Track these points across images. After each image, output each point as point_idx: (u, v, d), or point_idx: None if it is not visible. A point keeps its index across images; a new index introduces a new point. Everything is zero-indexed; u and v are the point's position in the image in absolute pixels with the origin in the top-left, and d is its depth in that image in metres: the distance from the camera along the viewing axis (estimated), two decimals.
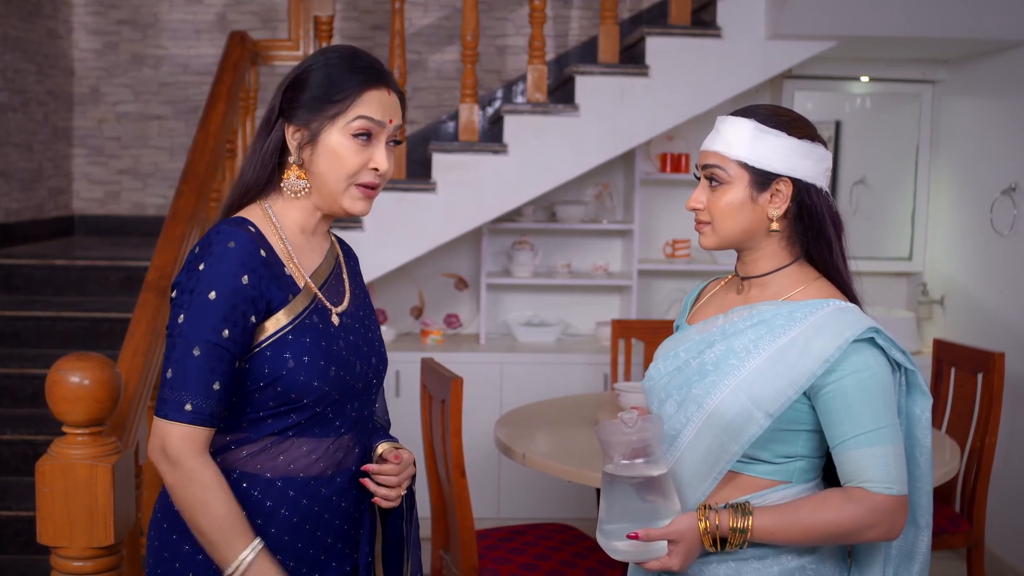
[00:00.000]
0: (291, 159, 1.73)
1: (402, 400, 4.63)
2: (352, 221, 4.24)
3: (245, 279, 1.63)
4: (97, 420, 2.06)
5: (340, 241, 1.93)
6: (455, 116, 5.42)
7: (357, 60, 1.74)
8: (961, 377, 3.83)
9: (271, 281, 1.67)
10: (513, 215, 5.03)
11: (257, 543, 1.64)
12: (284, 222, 1.75)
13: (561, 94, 4.90)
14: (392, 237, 4.30)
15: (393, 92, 1.75)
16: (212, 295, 1.61)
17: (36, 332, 4.27)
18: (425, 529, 4.22)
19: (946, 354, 3.96)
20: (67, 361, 2.03)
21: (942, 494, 3.75)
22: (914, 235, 5.21)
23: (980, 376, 3.68)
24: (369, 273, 4.28)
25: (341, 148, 1.70)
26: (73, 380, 2.00)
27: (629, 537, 1.69)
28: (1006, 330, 4.44)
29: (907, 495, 1.69)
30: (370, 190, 1.74)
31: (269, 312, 1.67)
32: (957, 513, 3.68)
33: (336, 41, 5.41)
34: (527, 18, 4.69)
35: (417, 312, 5.25)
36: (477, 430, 4.47)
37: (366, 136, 1.71)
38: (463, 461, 3.02)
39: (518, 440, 3.25)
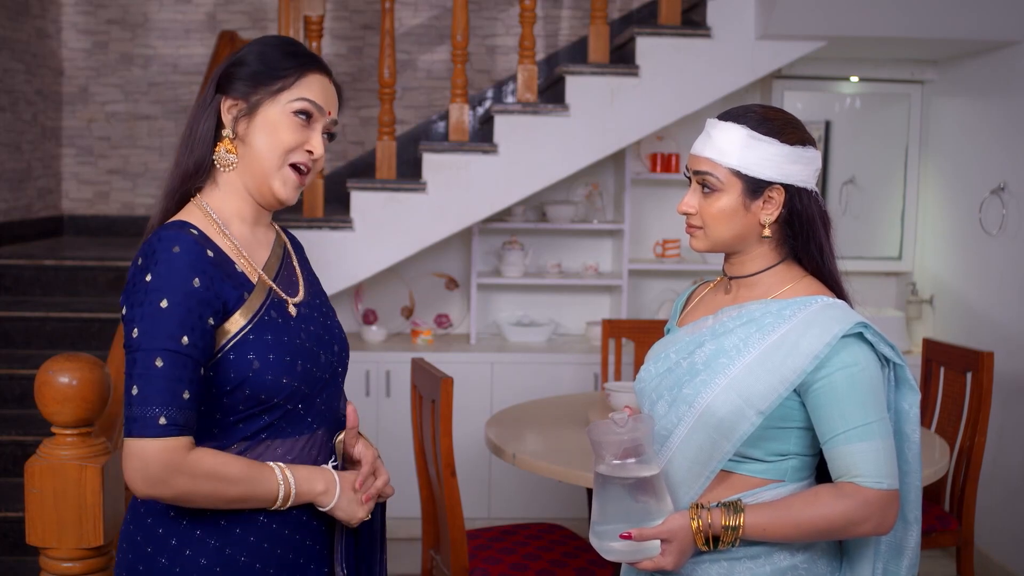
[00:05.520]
0: (225, 132, 1.70)
1: (392, 400, 4.63)
2: (341, 220, 4.24)
3: (196, 282, 1.57)
4: (86, 420, 2.05)
5: (284, 230, 1.89)
6: (445, 116, 5.41)
7: (297, 46, 1.74)
8: (950, 376, 3.84)
9: (223, 281, 1.62)
10: (503, 215, 5.03)
11: (279, 465, 1.64)
12: (225, 217, 1.71)
13: (551, 94, 4.90)
14: (382, 237, 4.29)
15: (333, 83, 1.76)
16: (164, 304, 1.55)
17: (25, 332, 4.26)
18: (415, 529, 4.23)
19: (935, 353, 3.97)
20: (56, 361, 2.02)
21: (932, 493, 3.76)
22: (903, 235, 5.23)
23: (969, 375, 3.69)
24: (359, 273, 4.30)
25: (280, 123, 1.69)
26: (62, 380, 1.99)
27: (622, 537, 1.69)
28: (995, 330, 4.45)
29: (898, 489, 1.70)
30: (301, 175, 1.72)
31: (226, 313, 1.62)
32: (947, 512, 3.69)
33: (326, 41, 5.41)
34: (517, 18, 4.69)
35: (407, 312, 5.24)
36: (467, 430, 4.47)
37: (306, 117, 1.70)
38: (453, 461, 3.01)
39: (509, 440, 3.25)
